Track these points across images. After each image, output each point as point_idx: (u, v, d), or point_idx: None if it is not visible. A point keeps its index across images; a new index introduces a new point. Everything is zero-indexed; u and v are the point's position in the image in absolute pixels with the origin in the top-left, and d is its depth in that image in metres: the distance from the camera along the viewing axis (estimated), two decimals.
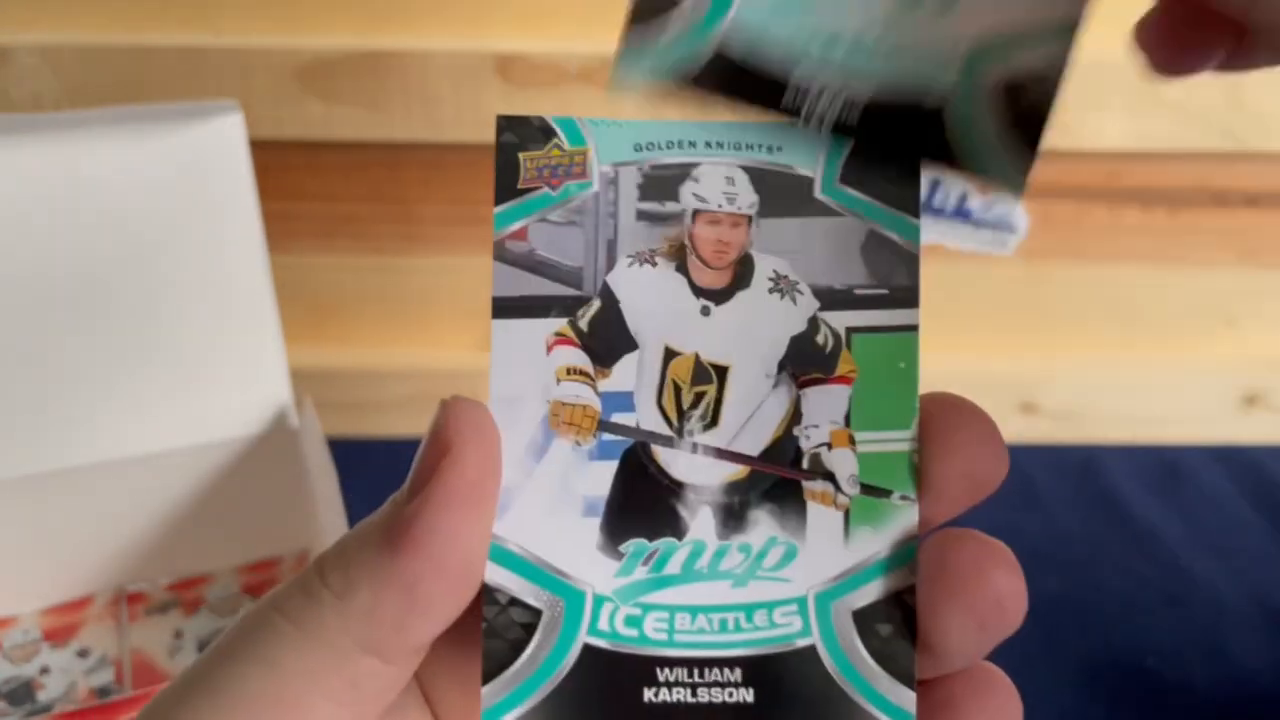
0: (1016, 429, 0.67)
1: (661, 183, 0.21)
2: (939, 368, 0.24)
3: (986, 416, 0.20)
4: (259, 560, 0.53)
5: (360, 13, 0.57)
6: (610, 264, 0.21)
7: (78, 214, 0.44)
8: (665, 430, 0.21)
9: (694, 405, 0.21)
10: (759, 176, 0.21)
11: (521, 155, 0.21)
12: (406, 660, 0.19)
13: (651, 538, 0.20)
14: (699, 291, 0.21)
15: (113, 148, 0.43)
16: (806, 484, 0.21)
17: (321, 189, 0.62)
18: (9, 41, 0.55)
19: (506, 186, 0.21)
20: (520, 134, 0.21)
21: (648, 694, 0.20)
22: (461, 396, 0.20)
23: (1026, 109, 0.20)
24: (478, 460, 0.19)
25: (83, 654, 0.48)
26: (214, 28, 0.57)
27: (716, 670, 0.20)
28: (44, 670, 0.48)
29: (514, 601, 0.20)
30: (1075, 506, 0.62)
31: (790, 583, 0.20)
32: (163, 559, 0.51)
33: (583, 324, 0.21)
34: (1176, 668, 0.52)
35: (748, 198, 0.21)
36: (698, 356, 0.21)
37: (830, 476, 0.21)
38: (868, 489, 0.20)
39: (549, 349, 0.21)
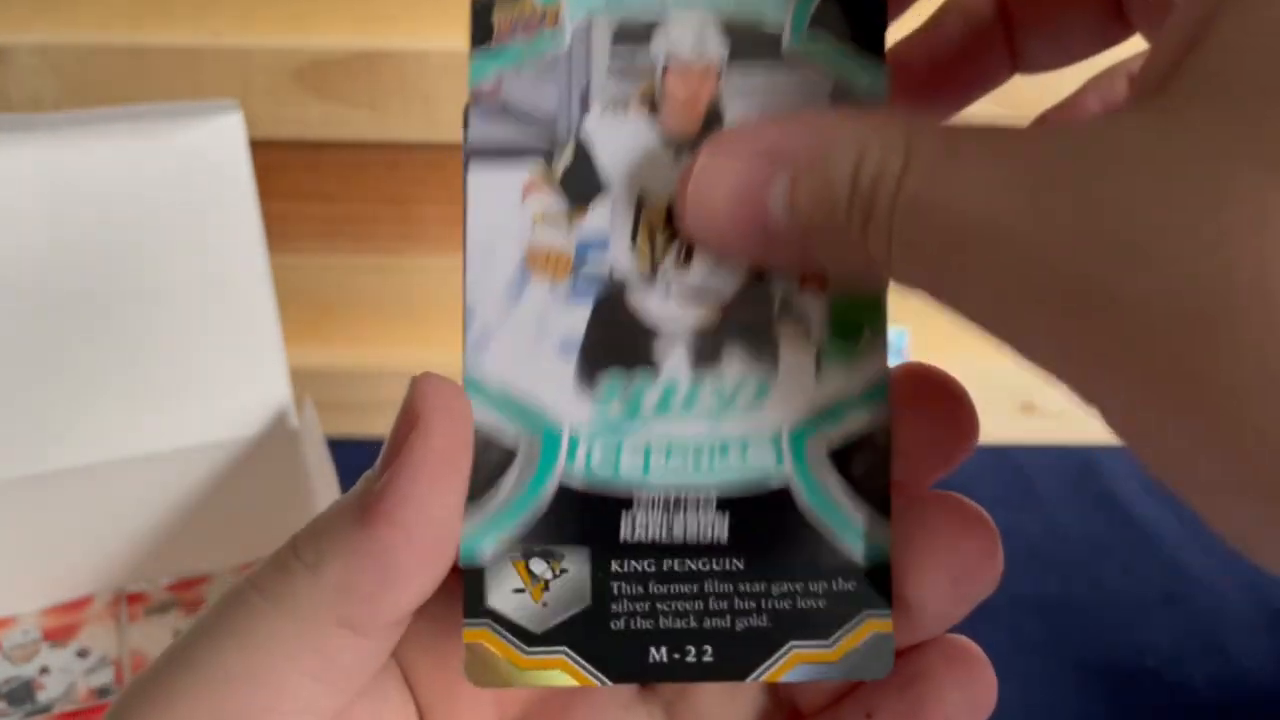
0: (1016, 429, 0.67)
1: (633, 34, 0.21)
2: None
3: (956, 383, 0.21)
4: (259, 560, 0.53)
5: (360, 13, 0.57)
6: (583, 113, 0.21)
7: (78, 214, 0.44)
8: (639, 272, 0.21)
9: (668, 248, 0.21)
10: (729, 27, 0.21)
11: (495, 12, 0.21)
12: (382, 634, 0.19)
13: (626, 377, 0.21)
14: (670, 140, 0.21)
15: (113, 148, 0.43)
16: (779, 323, 0.21)
17: (321, 189, 0.62)
18: (9, 41, 0.55)
19: (480, 41, 0.21)
20: None
21: (623, 530, 0.20)
22: (432, 373, 0.20)
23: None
24: (447, 432, 0.19)
25: (83, 654, 0.48)
26: (213, 28, 0.57)
27: (691, 506, 0.20)
28: (44, 670, 0.48)
29: (490, 437, 0.20)
30: (1075, 506, 0.62)
31: (763, 420, 0.21)
32: (163, 559, 0.51)
33: (557, 170, 0.21)
34: (1176, 667, 0.52)
35: (717, 48, 0.21)
36: (670, 202, 0.21)
37: (803, 316, 0.21)
38: (839, 328, 0.21)
39: (524, 195, 0.21)
